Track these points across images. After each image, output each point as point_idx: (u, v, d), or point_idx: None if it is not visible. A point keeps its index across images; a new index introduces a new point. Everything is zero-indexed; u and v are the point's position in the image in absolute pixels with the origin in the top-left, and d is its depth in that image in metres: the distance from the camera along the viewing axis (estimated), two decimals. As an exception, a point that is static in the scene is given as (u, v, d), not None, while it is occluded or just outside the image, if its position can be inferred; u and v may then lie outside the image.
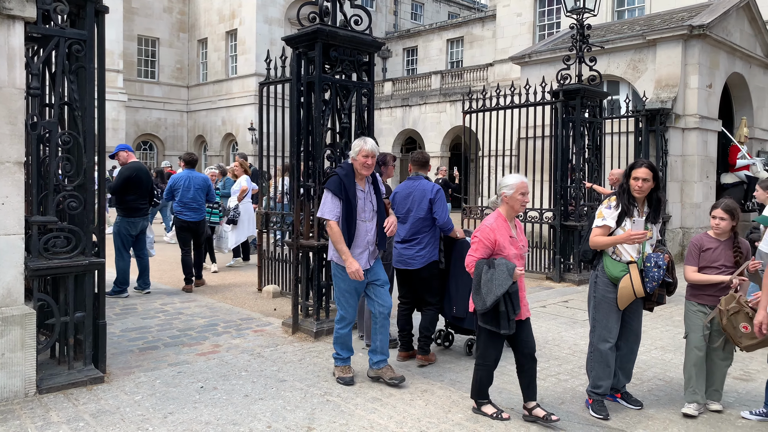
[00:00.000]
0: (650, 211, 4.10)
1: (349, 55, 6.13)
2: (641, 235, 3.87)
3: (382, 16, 34.06)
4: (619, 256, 4.05)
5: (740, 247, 4.15)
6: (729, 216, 4.11)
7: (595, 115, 9.76)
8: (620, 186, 4.12)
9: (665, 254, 4.04)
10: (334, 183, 4.50)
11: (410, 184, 5.24)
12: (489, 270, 3.74)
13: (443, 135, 24.51)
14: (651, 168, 4.01)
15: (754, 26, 13.38)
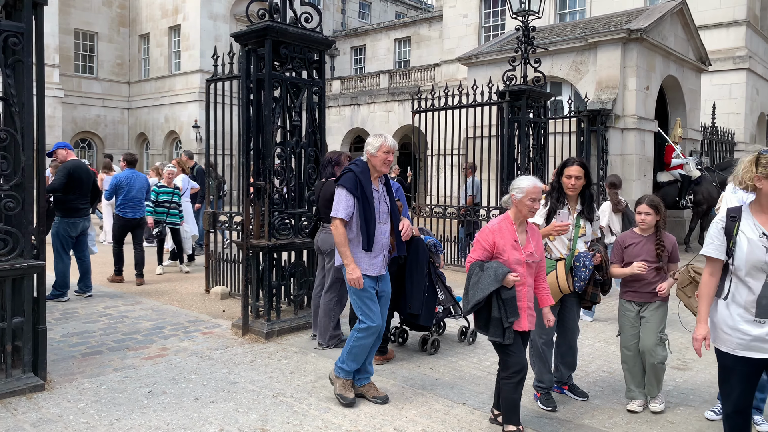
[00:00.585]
0: (583, 208, 4.14)
1: (300, 52, 6.08)
2: (564, 227, 3.91)
3: (330, 14, 33.93)
4: (550, 253, 4.10)
5: (662, 241, 4.14)
6: (654, 211, 4.13)
7: (540, 115, 10.01)
8: (551, 184, 4.17)
9: (597, 253, 4.07)
10: (350, 180, 4.13)
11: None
12: (478, 272, 3.58)
13: (392, 134, 24.59)
14: (583, 165, 4.07)
15: (687, 31, 14.03)
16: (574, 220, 4.09)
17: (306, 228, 6.19)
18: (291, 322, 6.01)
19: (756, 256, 2.83)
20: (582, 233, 4.10)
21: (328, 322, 5.49)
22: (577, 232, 4.11)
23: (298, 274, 6.22)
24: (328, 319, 5.49)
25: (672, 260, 4.20)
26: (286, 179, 6.08)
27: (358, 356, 4.17)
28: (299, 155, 6.21)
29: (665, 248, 4.13)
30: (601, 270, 4.11)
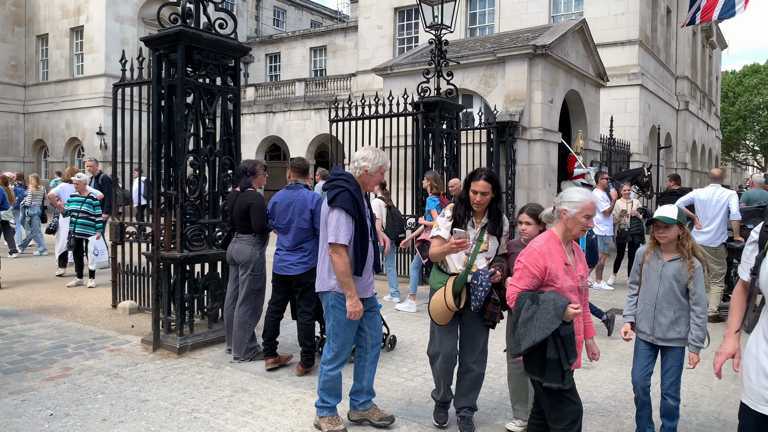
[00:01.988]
0: (489, 222, 3.78)
1: (214, 58, 5.96)
2: (460, 243, 3.59)
3: (243, 20, 33.36)
4: (446, 267, 3.84)
5: None
6: (534, 220, 3.82)
7: (453, 126, 10.33)
8: (459, 196, 3.83)
9: (498, 270, 3.68)
10: (347, 200, 3.71)
11: (290, 194, 5.10)
12: (531, 306, 2.98)
13: (308, 142, 24.51)
14: (490, 180, 3.69)
15: (587, 48, 14.95)
16: (477, 234, 3.77)
17: (220, 238, 6.04)
18: (205, 335, 5.83)
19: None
20: (483, 248, 3.76)
21: (243, 334, 5.38)
22: (477, 247, 3.74)
23: (212, 287, 6.06)
24: (243, 331, 5.38)
25: None
26: (199, 188, 5.92)
27: (333, 389, 3.92)
28: (213, 163, 6.06)
29: None
30: (502, 289, 3.67)
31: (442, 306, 3.71)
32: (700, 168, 29.25)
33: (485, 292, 3.61)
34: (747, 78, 49.61)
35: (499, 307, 3.77)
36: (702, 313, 3.55)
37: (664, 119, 23.12)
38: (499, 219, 3.80)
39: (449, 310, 3.71)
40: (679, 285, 3.58)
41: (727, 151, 50.70)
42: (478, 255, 3.75)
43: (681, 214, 3.55)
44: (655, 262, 3.69)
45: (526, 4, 20.85)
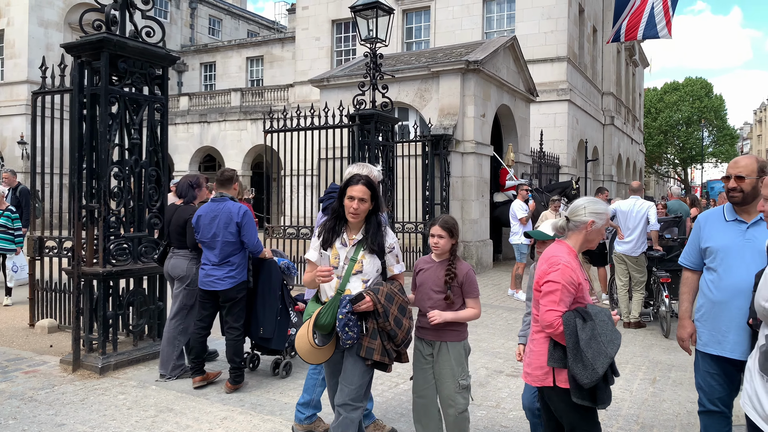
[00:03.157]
0: (365, 236, 3.17)
1: (140, 67, 5.79)
2: (325, 273, 3.01)
3: (178, 28, 32.63)
4: (322, 295, 3.26)
5: (453, 268, 3.40)
6: (447, 233, 3.41)
7: (388, 138, 10.42)
8: (332, 208, 3.27)
9: (367, 295, 3.03)
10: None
11: (214, 207, 4.93)
12: (586, 324, 2.71)
13: (245, 153, 24.15)
14: (369, 186, 3.16)
15: (518, 64, 15.46)
16: (351, 252, 3.17)
17: (146, 253, 5.84)
18: (129, 354, 5.60)
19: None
20: (358, 269, 3.14)
21: (171, 351, 5.22)
22: (350, 268, 3.14)
23: (138, 303, 5.83)
24: (172, 348, 5.23)
25: (466, 293, 3.40)
26: (123, 201, 5.71)
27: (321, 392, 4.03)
28: (139, 175, 5.87)
29: (456, 276, 3.40)
30: (379, 318, 3.04)
31: (305, 343, 3.08)
32: (625, 180, 30.67)
33: (346, 323, 2.99)
34: (667, 95, 52.58)
35: (380, 342, 3.07)
36: None
37: (591, 133, 24.14)
38: (378, 233, 3.21)
39: (313, 348, 3.08)
40: None
41: (650, 164, 53.44)
42: (351, 277, 3.14)
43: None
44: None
45: (461, 20, 21.38)
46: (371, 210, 3.19)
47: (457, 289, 3.39)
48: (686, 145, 51.77)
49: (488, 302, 9.31)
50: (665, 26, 20.70)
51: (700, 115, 50.48)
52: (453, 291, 3.37)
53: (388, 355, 3.10)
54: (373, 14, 9.98)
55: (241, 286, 4.95)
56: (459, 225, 3.62)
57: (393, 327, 3.06)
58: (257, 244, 4.97)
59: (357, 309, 3.00)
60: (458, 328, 3.42)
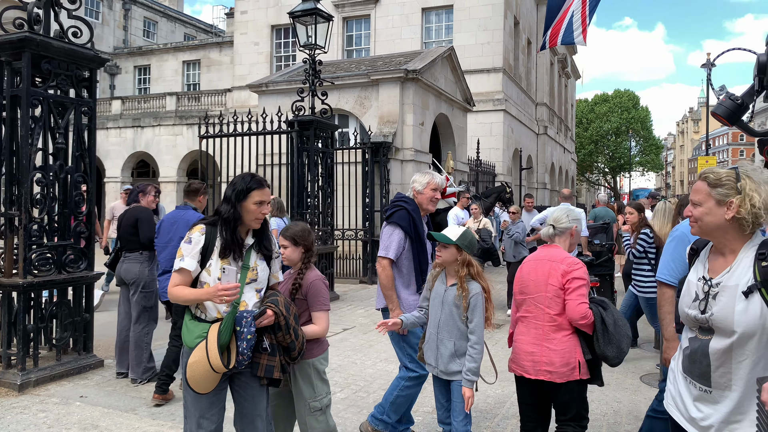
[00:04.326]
0: (255, 241, 2.86)
1: (66, 69, 5.55)
2: (232, 291, 2.59)
3: (110, 29, 31.49)
4: (204, 311, 2.78)
5: (300, 279, 3.21)
6: (291, 242, 3.23)
7: (328, 145, 10.40)
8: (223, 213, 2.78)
9: (269, 308, 2.76)
10: (404, 217, 3.85)
11: (176, 214, 5.11)
12: (607, 311, 3.09)
13: (180, 159, 23.51)
14: (268, 186, 2.90)
15: (455, 75, 15.77)
16: (241, 260, 2.80)
17: (72, 263, 5.58)
18: (52, 369, 5.32)
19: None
20: (252, 277, 2.81)
21: (140, 354, 5.26)
22: (243, 278, 2.78)
23: (62, 315, 5.55)
24: (141, 351, 5.26)
25: (311, 306, 3.19)
26: (47, 208, 5.44)
27: (401, 407, 3.85)
28: (64, 181, 5.61)
29: (301, 287, 3.20)
30: (280, 331, 2.78)
31: (205, 369, 2.62)
32: (558, 188, 31.75)
33: (250, 342, 2.66)
34: (598, 106, 54.92)
35: (279, 357, 2.81)
36: (477, 344, 3.19)
37: (525, 142, 24.89)
38: (270, 235, 2.95)
39: (215, 372, 2.64)
40: (458, 311, 3.23)
41: (582, 172, 55.58)
42: (245, 287, 2.78)
43: (463, 237, 3.23)
44: (440, 286, 3.36)
45: (400, 29, 21.63)
46: None
47: (305, 302, 3.19)
48: (615, 155, 54.16)
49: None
50: (581, 33, 21.61)
51: (628, 126, 52.99)
52: (299, 304, 3.16)
53: (284, 370, 2.88)
54: (312, 21, 9.96)
55: None
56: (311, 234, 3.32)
57: (293, 338, 2.84)
58: None
59: (259, 325, 2.69)
60: (310, 345, 3.13)
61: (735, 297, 2.04)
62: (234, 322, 2.68)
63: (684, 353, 2.25)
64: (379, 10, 22.07)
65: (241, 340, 2.65)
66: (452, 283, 3.27)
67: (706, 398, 2.13)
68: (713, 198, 2.11)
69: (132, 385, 5.22)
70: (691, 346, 2.20)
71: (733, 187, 2.09)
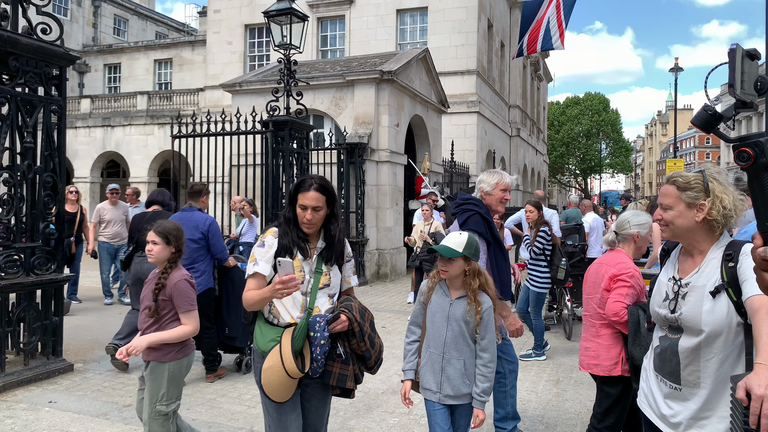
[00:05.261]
0: (324, 248, 2.78)
1: (35, 66, 5.43)
2: (289, 283, 2.48)
3: (79, 27, 30.85)
4: (277, 316, 2.70)
5: (164, 279, 3.13)
6: (163, 240, 3.14)
7: (303, 146, 10.34)
8: (284, 214, 2.80)
9: (342, 313, 2.65)
10: (479, 223, 3.66)
11: (183, 215, 5.34)
12: (645, 315, 3.09)
13: (151, 159, 23.13)
14: (323, 190, 2.71)
15: (430, 76, 15.83)
16: (313, 264, 2.74)
17: (40, 265, 5.45)
18: (20, 374, 5.19)
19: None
20: (324, 283, 2.74)
21: None
22: (316, 282, 2.72)
23: (30, 318, 5.42)
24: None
25: (177, 307, 3.13)
26: (14, 209, 5.30)
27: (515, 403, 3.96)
28: (33, 181, 5.48)
29: (164, 287, 3.11)
30: (354, 338, 2.68)
31: (280, 374, 2.56)
32: (530, 189, 32.11)
33: (323, 348, 2.58)
34: (569, 109, 55.74)
35: (353, 367, 2.70)
36: (490, 362, 2.93)
37: (499, 144, 25.12)
38: (338, 240, 2.83)
39: (291, 378, 2.58)
40: (468, 327, 2.93)
41: (554, 174, 56.33)
42: (318, 292, 2.72)
43: (468, 246, 2.93)
44: (443, 300, 2.99)
45: (375, 30, 21.63)
46: (328, 215, 2.78)
47: (169, 303, 3.13)
48: (586, 157, 55.01)
49: (400, 309, 9.42)
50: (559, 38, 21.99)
51: (598, 129, 53.87)
52: (162, 304, 3.12)
53: (356, 381, 2.74)
54: (287, 20, 9.90)
55: (209, 293, 5.41)
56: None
57: (368, 347, 2.71)
58: (223, 251, 5.46)
59: (332, 330, 2.60)
60: (163, 347, 3.11)
61: (703, 297, 2.09)
62: (308, 327, 2.61)
63: (655, 351, 2.30)
64: (354, 10, 22.04)
65: (315, 346, 2.57)
66: (458, 296, 2.96)
67: (676, 395, 2.19)
68: (683, 201, 2.16)
69: (102, 390, 5.12)
70: (661, 345, 2.25)
71: (701, 190, 2.14)
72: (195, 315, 3.16)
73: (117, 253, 9.61)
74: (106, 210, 9.52)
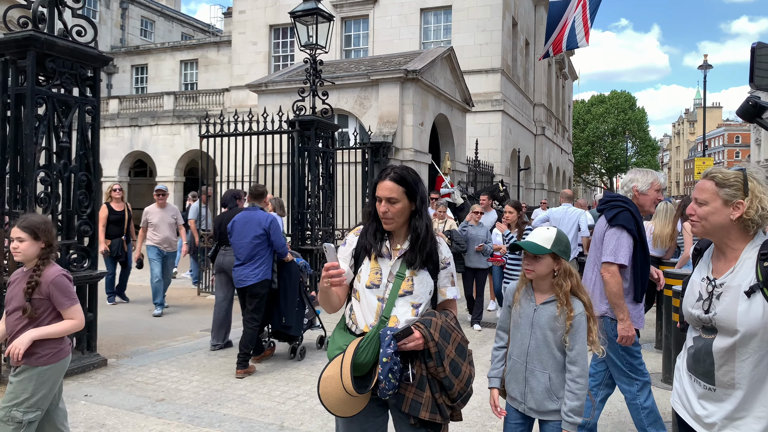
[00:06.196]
0: (408, 250, 2.40)
1: (71, 67, 5.55)
2: (334, 271, 2.21)
3: (108, 28, 31.42)
4: (355, 323, 2.43)
5: (37, 276, 2.93)
6: (30, 235, 2.93)
7: (328, 145, 10.40)
8: (366, 208, 2.55)
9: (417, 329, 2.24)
10: (629, 219, 3.51)
11: (247, 215, 5.89)
12: None
13: (177, 159, 23.47)
14: (401, 181, 2.38)
15: (454, 75, 15.80)
16: (395, 267, 2.40)
17: (76, 262, 5.59)
18: (57, 367, 5.33)
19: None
20: (406, 289, 2.36)
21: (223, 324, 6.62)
22: (396, 288, 2.36)
23: (67, 313, 5.56)
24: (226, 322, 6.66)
25: (57, 304, 2.97)
26: (51, 207, 5.44)
27: (658, 418, 3.63)
28: (68, 180, 5.61)
29: (38, 285, 2.92)
30: (430, 360, 2.24)
31: (338, 388, 2.20)
32: (555, 188, 31.85)
33: (387, 366, 2.17)
34: (594, 107, 55.12)
35: (432, 394, 2.26)
36: (580, 377, 2.56)
37: (523, 143, 24.95)
38: (429, 241, 2.43)
39: (349, 396, 2.19)
40: (555, 336, 2.60)
41: (579, 173, 55.77)
42: (397, 300, 2.35)
43: (558, 242, 2.62)
44: (527, 304, 2.70)
45: (399, 30, 21.65)
46: (413, 212, 2.42)
47: (46, 302, 2.94)
48: (612, 156, 54.35)
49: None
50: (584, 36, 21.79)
51: (624, 127, 53.17)
52: (38, 304, 2.92)
53: (440, 413, 2.26)
54: (312, 20, 9.97)
55: (265, 283, 5.81)
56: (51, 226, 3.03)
57: (448, 374, 2.25)
58: (283, 246, 5.94)
59: (403, 347, 2.22)
60: (37, 349, 2.89)
61: (738, 297, 2.06)
62: (378, 339, 2.24)
63: (688, 352, 2.28)
64: (377, 10, 22.09)
65: (382, 362, 2.18)
66: (544, 301, 2.64)
67: (711, 396, 2.16)
68: (720, 198, 2.13)
69: (136, 384, 5.23)
70: (695, 345, 2.23)
71: (740, 188, 2.11)
72: (78, 308, 2.99)
73: (166, 261, 8.83)
74: (153, 213, 8.85)
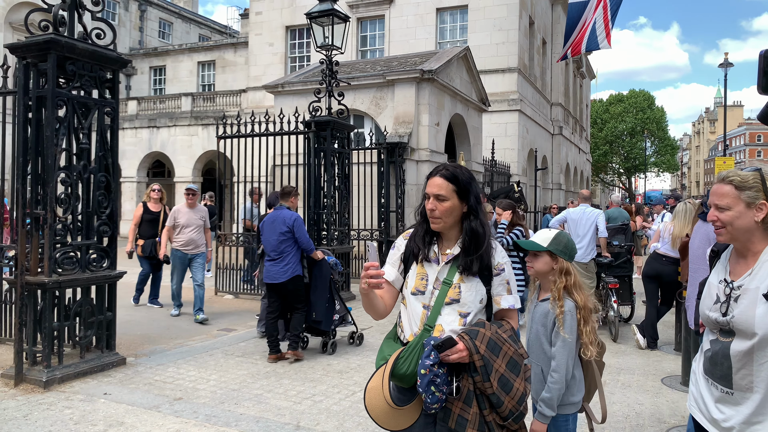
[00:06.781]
0: (461, 253, 2.24)
1: (90, 70, 5.62)
2: (373, 272, 2.06)
3: (126, 30, 31.80)
4: (404, 331, 2.31)
5: None
6: None
7: (344, 146, 10.43)
8: (417, 209, 2.40)
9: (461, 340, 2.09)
10: None
11: (274, 214, 6.24)
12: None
13: (195, 159, 23.70)
14: (452, 179, 2.24)
15: (471, 75, 15.73)
16: (443, 273, 2.25)
17: (95, 262, 5.66)
18: (76, 366, 5.39)
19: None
20: (453, 297, 2.21)
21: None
22: (442, 295, 2.22)
23: (85, 313, 5.62)
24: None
25: None
26: (71, 207, 5.51)
27: None
28: (87, 181, 5.68)
29: None
30: (476, 374, 2.10)
31: (381, 400, 2.12)
32: (573, 188, 31.58)
33: (432, 381, 2.04)
34: (612, 106, 54.53)
35: (478, 410, 2.11)
36: (554, 371, 2.60)
37: (540, 142, 24.78)
38: (481, 244, 2.24)
39: (391, 408, 2.11)
40: (545, 331, 2.70)
41: (597, 173, 55.23)
42: (443, 308, 2.20)
43: (556, 242, 2.72)
44: (533, 301, 2.87)
45: (414, 30, 21.63)
46: (465, 213, 2.26)
47: None
48: (630, 155, 53.74)
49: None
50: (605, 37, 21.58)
51: (643, 126, 52.55)
52: None
53: (489, 430, 2.13)
54: (328, 21, 10.00)
55: (296, 279, 6.13)
56: None
57: (496, 390, 2.09)
58: (308, 242, 6.20)
59: (446, 359, 2.06)
60: None
61: (756, 300, 2.03)
62: (421, 349, 2.11)
63: (705, 355, 2.25)
64: (393, 10, 22.09)
65: (421, 374, 2.05)
66: (544, 298, 2.75)
67: (728, 400, 2.13)
68: (743, 201, 2.10)
69: (154, 383, 5.28)
70: (712, 348, 2.19)
71: (760, 189, 2.08)
72: None
73: (191, 263, 8.44)
74: (181, 213, 8.40)
